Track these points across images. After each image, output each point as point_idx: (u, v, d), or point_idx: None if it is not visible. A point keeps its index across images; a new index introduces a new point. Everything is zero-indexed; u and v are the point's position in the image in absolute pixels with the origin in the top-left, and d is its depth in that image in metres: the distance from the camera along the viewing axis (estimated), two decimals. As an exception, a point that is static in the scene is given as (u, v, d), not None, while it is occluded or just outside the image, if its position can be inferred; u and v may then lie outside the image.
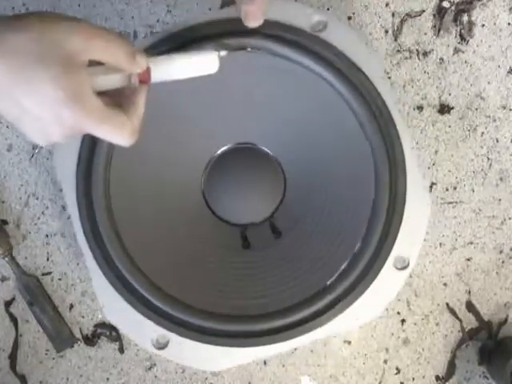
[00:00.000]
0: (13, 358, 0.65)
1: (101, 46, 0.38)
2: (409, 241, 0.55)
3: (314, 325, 0.54)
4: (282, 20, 0.54)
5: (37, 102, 0.36)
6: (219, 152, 0.64)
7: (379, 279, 0.54)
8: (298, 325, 0.54)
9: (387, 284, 0.54)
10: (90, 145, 0.54)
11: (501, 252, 0.67)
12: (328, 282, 0.54)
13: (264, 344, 0.53)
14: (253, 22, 0.49)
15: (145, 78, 0.42)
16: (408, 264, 0.54)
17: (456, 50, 0.67)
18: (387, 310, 0.66)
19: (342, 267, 0.55)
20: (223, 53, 0.45)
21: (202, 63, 0.44)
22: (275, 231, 0.63)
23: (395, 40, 0.66)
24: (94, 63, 0.39)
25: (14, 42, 0.35)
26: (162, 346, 0.54)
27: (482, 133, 0.67)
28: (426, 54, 0.67)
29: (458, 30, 0.67)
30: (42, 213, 0.66)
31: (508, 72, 0.67)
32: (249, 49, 0.54)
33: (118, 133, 0.39)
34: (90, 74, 0.38)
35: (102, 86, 0.40)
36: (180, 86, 0.45)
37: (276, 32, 0.54)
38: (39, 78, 0.35)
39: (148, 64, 0.41)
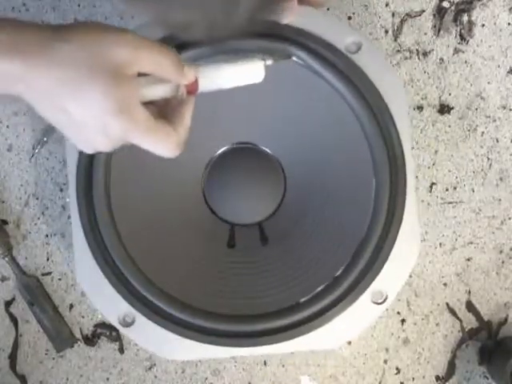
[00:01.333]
0: (13, 358, 0.65)
1: (148, 58, 0.38)
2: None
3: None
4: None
5: (84, 113, 0.36)
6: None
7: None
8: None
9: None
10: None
11: (501, 252, 0.67)
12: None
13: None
14: (290, 18, 0.48)
15: (192, 88, 0.41)
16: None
17: (456, 50, 0.67)
18: (387, 309, 0.66)
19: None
20: (269, 62, 0.45)
21: (248, 72, 0.44)
22: (263, 238, 0.63)
23: (395, 40, 0.67)
24: (142, 74, 0.39)
25: (63, 52, 0.36)
26: (127, 324, 0.54)
27: (482, 133, 0.67)
28: (425, 54, 0.67)
29: (458, 30, 0.67)
30: (42, 213, 0.66)
31: (508, 72, 0.67)
32: (294, 58, 0.54)
33: (163, 145, 0.39)
34: (137, 84, 0.38)
35: (150, 97, 0.40)
36: (210, 91, 0.45)
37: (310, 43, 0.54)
38: (88, 89, 0.36)
39: (196, 75, 0.41)
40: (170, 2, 0.26)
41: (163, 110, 0.41)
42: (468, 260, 0.67)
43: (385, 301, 0.54)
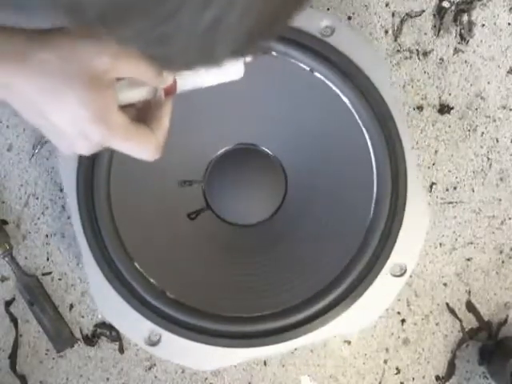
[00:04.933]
0: (13, 358, 0.65)
1: (128, 64, 0.38)
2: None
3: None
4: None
5: (63, 119, 0.36)
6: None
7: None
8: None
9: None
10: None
11: (501, 252, 0.67)
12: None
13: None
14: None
15: (171, 90, 0.41)
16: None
17: (456, 50, 0.67)
18: (387, 309, 0.66)
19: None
20: (248, 58, 0.44)
21: (227, 70, 0.44)
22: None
23: (395, 40, 0.67)
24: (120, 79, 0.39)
25: (41, 59, 0.35)
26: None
27: (482, 133, 0.67)
28: (426, 54, 0.67)
29: (458, 30, 0.67)
30: (42, 213, 0.66)
31: (508, 72, 0.67)
32: (274, 53, 0.54)
33: (142, 149, 0.40)
34: (115, 89, 0.38)
35: (128, 100, 0.40)
36: (188, 91, 0.45)
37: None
38: (66, 97, 0.36)
39: (174, 77, 0.41)
40: (147, 42, 0.26)
41: (142, 113, 0.41)
42: (468, 260, 0.67)
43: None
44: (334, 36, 0.56)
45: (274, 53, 0.54)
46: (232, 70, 0.44)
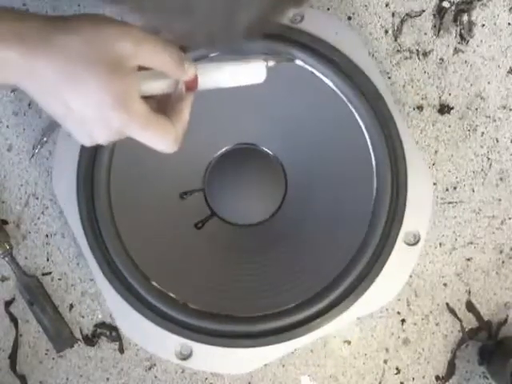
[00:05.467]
0: (13, 358, 0.65)
1: (150, 52, 0.38)
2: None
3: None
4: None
5: (84, 104, 0.36)
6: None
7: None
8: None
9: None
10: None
11: (501, 252, 0.67)
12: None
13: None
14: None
15: (192, 85, 0.41)
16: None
17: (456, 50, 0.67)
18: (387, 309, 0.66)
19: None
20: (271, 63, 0.44)
21: (249, 73, 0.44)
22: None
23: (395, 40, 0.66)
24: (142, 68, 0.39)
25: (64, 43, 0.36)
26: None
27: (482, 133, 0.67)
28: (425, 54, 0.67)
29: (458, 30, 0.67)
30: (42, 213, 0.66)
31: (508, 72, 0.67)
32: (297, 61, 0.54)
33: (161, 139, 0.39)
34: (137, 77, 0.38)
35: (149, 91, 0.40)
36: (209, 89, 0.45)
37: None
38: (88, 81, 0.36)
39: (196, 72, 0.41)
40: (169, 13, 0.26)
41: (162, 105, 0.41)
42: (468, 260, 0.67)
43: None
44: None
45: (297, 61, 0.54)
46: (254, 73, 0.44)
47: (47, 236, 0.66)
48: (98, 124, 0.37)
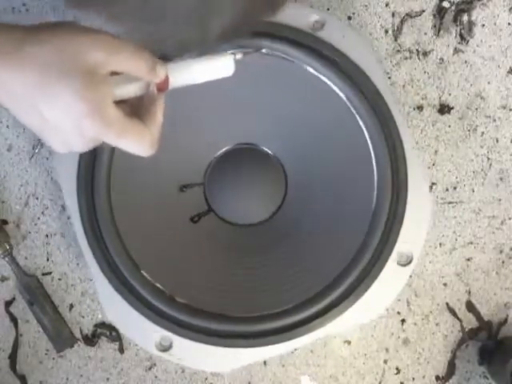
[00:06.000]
0: (13, 358, 0.65)
1: (123, 58, 0.38)
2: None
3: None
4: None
5: (58, 114, 0.36)
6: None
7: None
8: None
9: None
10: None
11: (501, 252, 0.67)
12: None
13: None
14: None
15: (163, 86, 0.42)
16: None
17: (456, 50, 0.67)
18: (387, 309, 0.66)
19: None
20: (239, 55, 0.45)
21: (218, 67, 0.44)
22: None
23: (395, 40, 0.67)
24: (115, 73, 0.39)
25: (37, 54, 0.35)
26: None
27: (482, 133, 0.67)
28: (425, 53, 0.67)
29: (458, 30, 0.67)
30: (42, 213, 0.66)
31: (508, 72, 0.67)
32: (264, 50, 0.54)
33: (137, 144, 0.39)
34: (110, 84, 0.38)
35: (123, 95, 0.40)
36: (180, 87, 0.45)
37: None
38: (61, 91, 0.35)
39: (167, 73, 0.42)
40: (142, 20, 0.26)
41: (135, 109, 0.41)
42: (468, 260, 0.67)
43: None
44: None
45: (263, 50, 0.54)
46: (222, 67, 0.44)
47: (47, 236, 0.66)
48: (73, 133, 0.37)
